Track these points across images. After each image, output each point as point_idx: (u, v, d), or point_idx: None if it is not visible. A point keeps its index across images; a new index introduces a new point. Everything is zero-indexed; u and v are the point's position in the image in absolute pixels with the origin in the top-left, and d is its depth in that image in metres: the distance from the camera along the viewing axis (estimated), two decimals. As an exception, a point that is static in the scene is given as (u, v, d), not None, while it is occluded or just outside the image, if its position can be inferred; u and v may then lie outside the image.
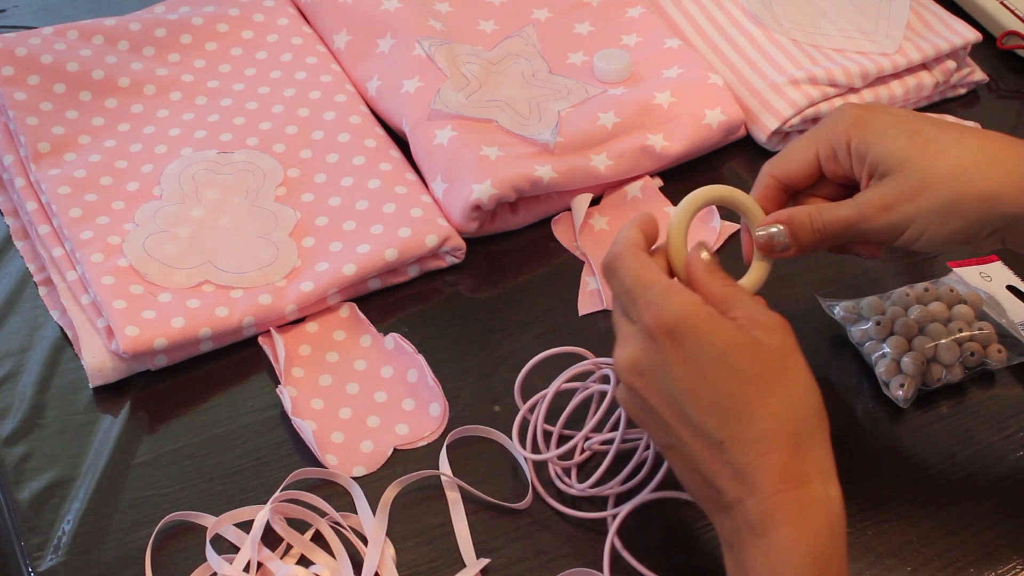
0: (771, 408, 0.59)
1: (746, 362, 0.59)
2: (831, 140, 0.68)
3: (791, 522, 0.58)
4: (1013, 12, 1.01)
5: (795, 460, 0.59)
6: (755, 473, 0.58)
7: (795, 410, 0.60)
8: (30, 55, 0.89)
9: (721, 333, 0.60)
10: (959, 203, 0.65)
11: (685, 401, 0.59)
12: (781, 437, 0.59)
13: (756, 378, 0.59)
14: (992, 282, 0.81)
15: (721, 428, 0.59)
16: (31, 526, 0.69)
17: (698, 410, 0.59)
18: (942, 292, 0.79)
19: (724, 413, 0.59)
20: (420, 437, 0.74)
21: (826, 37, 0.95)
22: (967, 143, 0.66)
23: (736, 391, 0.59)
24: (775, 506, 0.58)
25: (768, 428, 0.59)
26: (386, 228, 0.81)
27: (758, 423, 0.59)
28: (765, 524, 0.58)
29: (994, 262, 0.83)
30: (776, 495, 0.58)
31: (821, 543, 0.58)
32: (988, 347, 0.77)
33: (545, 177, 0.83)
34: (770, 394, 0.59)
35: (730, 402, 0.59)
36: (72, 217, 0.81)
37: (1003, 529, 0.71)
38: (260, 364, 0.77)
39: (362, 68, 0.92)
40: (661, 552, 0.69)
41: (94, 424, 0.74)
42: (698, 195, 0.67)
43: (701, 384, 0.59)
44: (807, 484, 0.59)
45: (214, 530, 0.68)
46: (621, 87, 0.90)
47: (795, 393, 0.60)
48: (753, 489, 0.58)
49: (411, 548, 0.69)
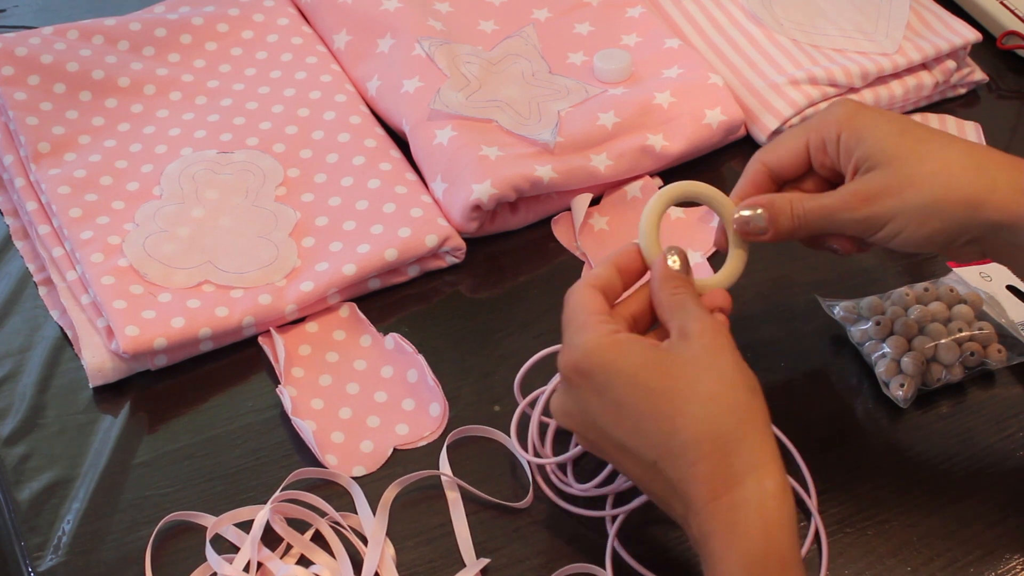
0: (690, 415, 0.58)
1: (657, 378, 0.59)
2: (822, 131, 0.68)
3: (723, 531, 0.57)
4: (1013, 12, 1.01)
5: (724, 463, 0.58)
6: (688, 486, 0.58)
7: (715, 410, 0.58)
8: (30, 55, 0.89)
9: (628, 357, 0.60)
10: (942, 204, 0.65)
11: (613, 430, 0.60)
12: (705, 443, 0.58)
13: (669, 391, 0.59)
14: (992, 282, 0.81)
15: (651, 449, 0.59)
16: (31, 526, 0.69)
17: (626, 436, 0.60)
18: (942, 292, 0.79)
19: (648, 433, 0.59)
20: (420, 437, 0.74)
21: (826, 37, 0.95)
22: (956, 147, 0.66)
23: (653, 408, 0.59)
24: (708, 517, 0.58)
25: (690, 436, 0.58)
26: (386, 228, 0.81)
27: (681, 434, 0.58)
28: (705, 537, 0.58)
29: (994, 262, 0.82)
30: (708, 506, 0.57)
31: (755, 546, 0.57)
32: (988, 347, 0.77)
33: (545, 177, 0.83)
34: (686, 402, 0.59)
35: (651, 421, 0.59)
36: (72, 217, 0.81)
37: (1003, 529, 0.71)
38: (260, 364, 0.77)
39: (362, 68, 0.92)
40: (661, 551, 0.69)
41: (94, 424, 0.74)
42: (666, 192, 0.67)
43: (620, 411, 0.60)
44: (739, 486, 0.57)
45: (214, 530, 0.68)
46: (621, 87, 0.90)
47: (714, 392, 0.59)
48: (690, 504, 0.58)
49: (411, 548, 0.69)
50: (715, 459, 0.58)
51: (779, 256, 0.85)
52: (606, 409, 0.60)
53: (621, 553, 0.68)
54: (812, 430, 0.74)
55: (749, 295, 0.82)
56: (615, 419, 0.60)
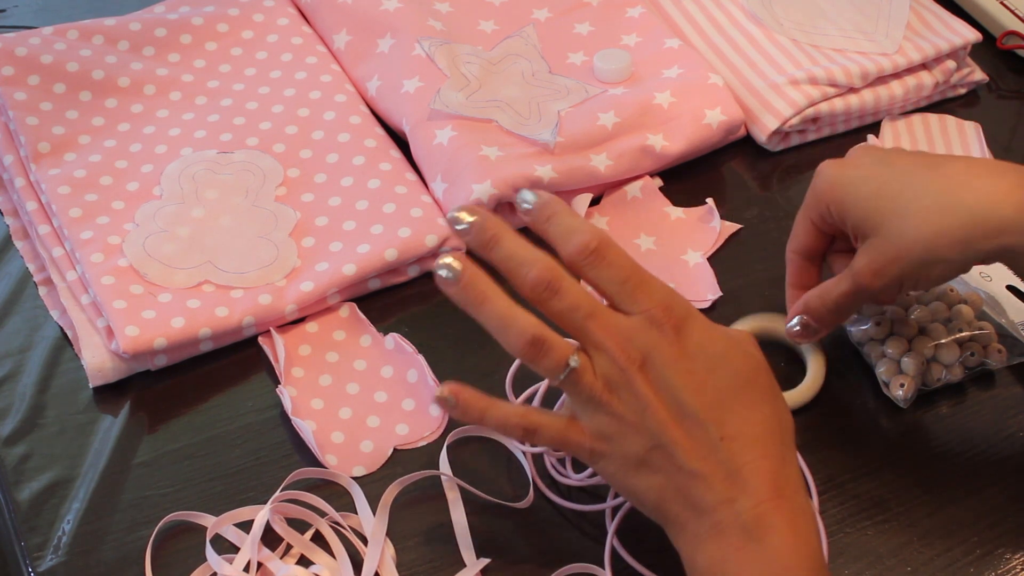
0: (764, 415, 0.60)
1: (744, 366, 0.60)
2: (817, 208, 0.72)
3: (789, 530, 0.58)
4: (1013, 12, 1.01)
5: (783, 470, 0.59)
6: (751, 475, 0.58)
7: (782, 424, 0.61)
8: (30, 55, 0.89)
9: (722, 334, 0.61)
10: (936, 254, 0.67)
11: (687, 395, 0.59)
12: (773, 445, 0.60)
13: (752, 383, 0.60)
14: (992, 282, 0.81)
15: (721, 426, 0.59)
16: (31, 526, 0.69)
17: (701, 405, 0.59)
18: (942, 292, 0.79)
19: (725, 411, 0.59)
20: (420, 437, 0.74)
21: (826, 37, 0.95)
22: (932, 191, 0.67)
23: (738, 392, 0.60)
24: (771, 510, 0.58)
25: (763, 433, 0.60)
26: (386, 228, 0.81)
27: (755, 426, 0.59)
28: (762, 528, 0.58)
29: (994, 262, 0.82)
30: (771, 500, 0.58)
31: (816, 553, 0.59)
32: (988, 347, 0.77)
33: (545, 177, 0.83)
34: (763, 402, 0.61)
35: (731, 401, 0.60)
36: (72, 217, 0.81)
37: (1003, 529, 0.71)
38: (260, 364, 0.77)
39: (362, 68, 0.92)
40: (661, 550, 0.69)
41: (94, 424, 0.74)
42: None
43: (707, 379, 0.59)
44: (795, 495, 0.59)
45: (214, 530, 0.68)
46: (621, 87, 0.90)
47: (781, 407, 0.62)
48: (746, 489, 0.58)
49: (411, 548, 0.69)
50: (778, 463, 0.59)
51: (779, 256, 0.85)
52: (692, 371, 0.59)
53: (620, 552, 0.68)
54: (812, 430, 0.74)
55: (749, 295, 0.82)
56: (698, 385, 0.59)
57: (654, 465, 0.60)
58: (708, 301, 0.81)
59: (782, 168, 0.91)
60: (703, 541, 0.59)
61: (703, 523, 0.59)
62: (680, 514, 0.60)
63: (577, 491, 0.71)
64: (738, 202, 0.88)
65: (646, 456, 0.60)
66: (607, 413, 0.60)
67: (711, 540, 0.59)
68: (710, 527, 0.59)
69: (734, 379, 0.60)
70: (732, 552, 0.58)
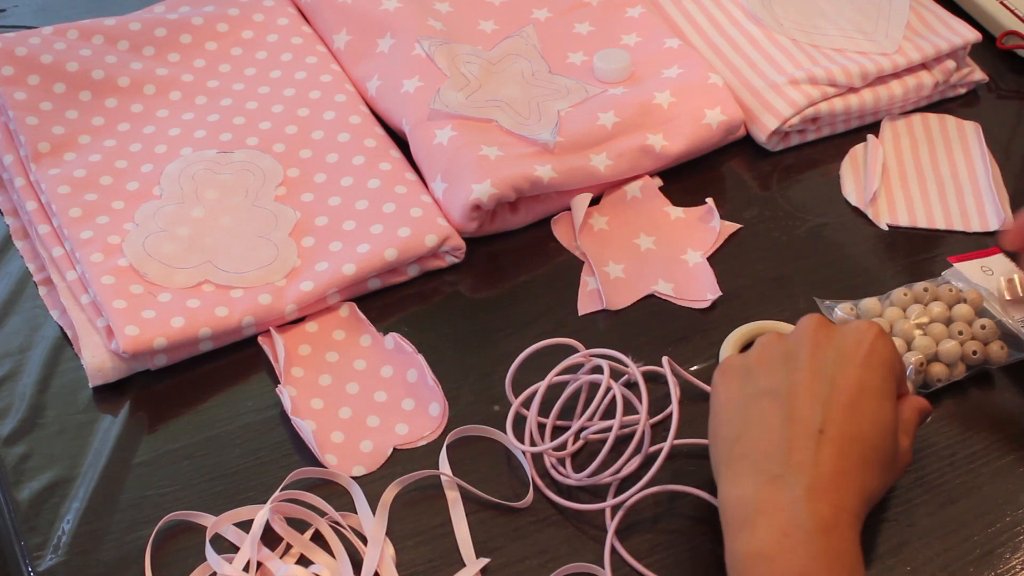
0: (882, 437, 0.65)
1: (890, 386, 0.65)
2: None
3: (855, 540, 0.61)
4: (1013, 12, 1.01)
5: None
6: (823, 469, 0.61)
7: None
8: (30, 55, 0.89)
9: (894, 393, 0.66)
10: None
11: (836, 386, 0.63)
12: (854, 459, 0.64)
13: (881, 392, 0.65)
14: (994, 276, 0.81)
15: (828, 423, 0.62)
16: (31, 526, 0.69)
17: (824, 404, 0.63)
18: (941, 292, 0.79)
19: (851, 411, 0.63)
20: (420, 437, 0.74)
21: (826, 37, 0.95)
22: None
23: (871, 403, 0.64)
24: (846, 520, 0.61)
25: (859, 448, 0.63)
26: (386, 228, 0.81)
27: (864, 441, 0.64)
28: (827, 525, 0.59)
29: (996, 254, 0.82)
30: (839, 514, 0.61)
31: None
32: (989, 344, 0.77)
33: (545, 177, 0.83)
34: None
35: (865, 410, 0.63)
36: (72, 217, 0.81)
37: (1003, 529, 0.71)
38: (260, 364, 0.77)
39: (362, 68, 0.92)
40: (661, 550, 0.69)
41: (94, 424, 0.74)
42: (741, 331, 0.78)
43: (864, 391, 0.63)
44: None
45: (214, 530, 0.68)
46: (621, 87, 0.90)
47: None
48: (815, 485, 0.60)
49: (411, 548, 0.69)
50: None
51: (779, 256, 0.85)
52: (836, 374, 0.63)
53: (620, 551, 0.68)
54: (812, 430, 0.74)
55: (749, 295, 0.82)
56: (829, 383, 0.63)
57: (759, 406, 0.65)
58: (708, 301, 0.81)
59: (782, 168, 0.91)
60: (769, 506, 0.61)
61: (777, 494, 0.61)
62: (759, 472, 0.62)
63: (577, 491, 0.71)
64: (738, 202, 0.88)
65: (760, 396, 0.65)
66: (769, 352, 0.68)
67: (787, 507, 0.60)
68: (787, 497, 0.61)
69: (869, 388, 0.64)
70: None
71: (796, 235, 0.86)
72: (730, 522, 0.61)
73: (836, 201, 0.89)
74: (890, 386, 0.65)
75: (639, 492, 0.68)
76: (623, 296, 0.82)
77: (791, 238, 0.86)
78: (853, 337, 0.65)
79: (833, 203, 0.89)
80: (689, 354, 0.78)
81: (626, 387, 0.74)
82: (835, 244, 0.86)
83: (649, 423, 0.70)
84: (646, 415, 0.69)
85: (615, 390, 0.71)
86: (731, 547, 0.60)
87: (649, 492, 0.69)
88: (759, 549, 0.58)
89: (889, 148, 0.92)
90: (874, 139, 0.93)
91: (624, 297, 0.82)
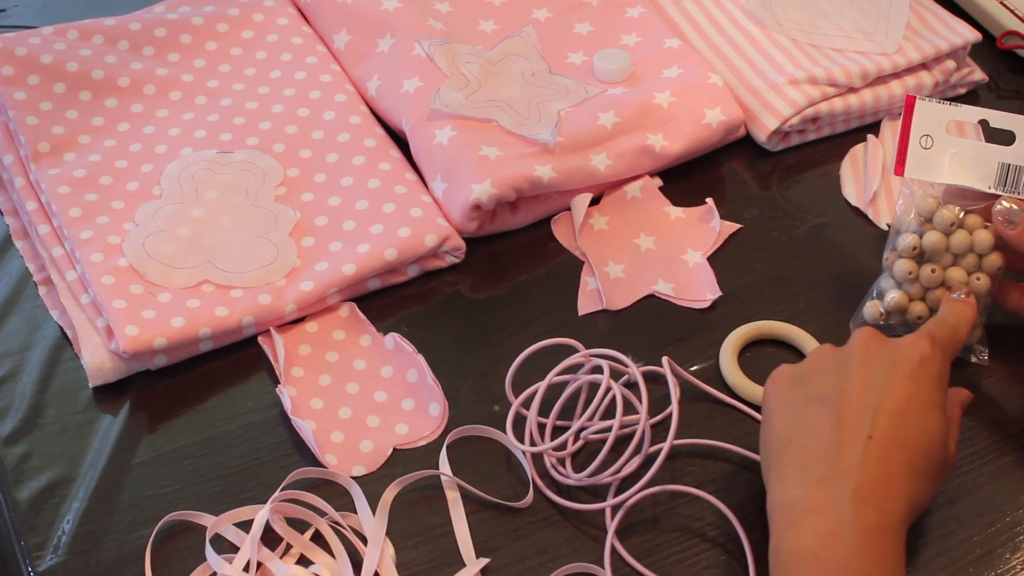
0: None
1: (940, 399, 0.66)
2: None
3: (902, 548, 0.61)
4: (1013, 12, 1.01)
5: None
6: (867, 474, 0.62)
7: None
8: (30, 55, 0.89)
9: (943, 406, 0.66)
10: None
11: (886, 395, 0.64)
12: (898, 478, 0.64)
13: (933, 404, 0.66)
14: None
15: (874, 429, 0.63)
16: (31, 526, 0.69)
17: (874, 414, 0.63)
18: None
19: (902, 425, 0.63)
20: (420, 437, 0.74)
21: (826, 37, 0.95)
22: None
23: (922, 420, 0.64)
24: (889, 526, 0.61)
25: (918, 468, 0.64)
26: (386, 228, 0.81)
27: (923, 456, 0.64)
28: (870, 527, 0.60)
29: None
30: (881, 521, 0.61)
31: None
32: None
33: (545, 177, 0.83)
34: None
35: (913, 423, 0.64)
36: (72, 217, 0.81)
37: (1003, 529, 0.71)
38: (260, 364, 0.77)
39: (362, 68, 0.92)
40: (661, 550, 0.69)
41: (94, 424, 0.74)
42: (741, 332, 0.78)
43: (913, 401, 0.64)
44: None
45: (214, 530, 0.68)
46: (621, 87, 0.90)
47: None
48: (860, 491, 0.61)
49: (411, 548, 0.69)
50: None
51: (779, 256, 0.85)
52: (887, 384, 0.64)
53: (620, 551, 0.68)
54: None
55: (749, 295, 0.82)
56: (901, 401, 0.64)
57: (813, 410, 0.65)
58: (708, 301, 0.81)
59: (782, 168, 0.91)
60: (811, 509, 0.61)
61: (821, 495, 0.61)
62: (803, 474, 0.63)
63: (577, 491, 0.71)
64: (738, 202, 0.88)
65: (814, 402, 0.66)
66: (834, 354, 0.69)
67: (830, 509, 0.61)
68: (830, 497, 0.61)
69: (922, 406, 0.65)
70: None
71: (796, 235, 0.86)
72: (777, 521, 0.61)
73: (836, 201, 0.89)
74: (939, 398, 0.65)
75: (639, 492, 0.68)
76: (623, 296, 0.82)
77: (791, 238, 0.86)
78: (905, 351, 0.66)
79: (833, 203, 0.89)
80: (689, 354, 0.78)
81: (626, 387, 0.74)
82: (835, 244, 0.86)
83: (649, 423, 0.70)
84: (646, 415, 0.70)
85: (615, 390, 0.71)
86: (776, 545, 0.61)
87: (649, 492, 0.69)
88: (804, 547, 0.59)
89: (889, 148, 0.92)
90: (874, 139, 0.93)
91: (624, 297, 0.82)
